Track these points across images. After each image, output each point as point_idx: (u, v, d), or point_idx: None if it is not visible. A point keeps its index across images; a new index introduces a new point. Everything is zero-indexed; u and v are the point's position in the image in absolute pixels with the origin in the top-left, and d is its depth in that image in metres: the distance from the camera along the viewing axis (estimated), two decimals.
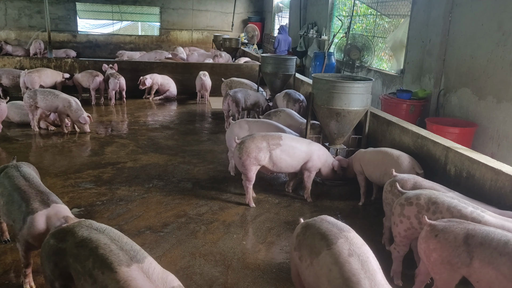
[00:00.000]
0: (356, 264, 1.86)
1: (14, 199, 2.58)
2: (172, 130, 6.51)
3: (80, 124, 5.91)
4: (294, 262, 2.21)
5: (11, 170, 2.80)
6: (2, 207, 2.66)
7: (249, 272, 2.93)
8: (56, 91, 6.01)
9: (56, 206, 2.54)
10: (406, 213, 2.66)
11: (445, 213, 2.52)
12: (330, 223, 2.15)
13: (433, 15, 6.25)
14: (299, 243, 2.16)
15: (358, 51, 7.26)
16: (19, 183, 2.66)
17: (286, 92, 6.32)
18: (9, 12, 14.44)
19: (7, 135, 5.87)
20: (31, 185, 2.66)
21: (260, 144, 3.82)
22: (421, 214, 2.60)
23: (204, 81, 8.28)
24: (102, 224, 2.15)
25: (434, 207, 2.58)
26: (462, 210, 2.50)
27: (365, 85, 4.31)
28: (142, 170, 4.73)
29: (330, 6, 10.44)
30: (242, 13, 16.77)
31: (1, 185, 2.72)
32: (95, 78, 7.66)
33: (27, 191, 2.60)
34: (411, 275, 2.76)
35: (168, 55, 11.29)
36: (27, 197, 2.55)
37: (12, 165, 2.89)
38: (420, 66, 6.58)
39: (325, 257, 1.94)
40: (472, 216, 2.45)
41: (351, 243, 1.97)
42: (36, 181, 2.76)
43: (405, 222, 2.67)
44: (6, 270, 2.85)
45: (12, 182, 2.67)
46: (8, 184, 2.68)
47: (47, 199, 2.57)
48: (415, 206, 2.64)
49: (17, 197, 2.57)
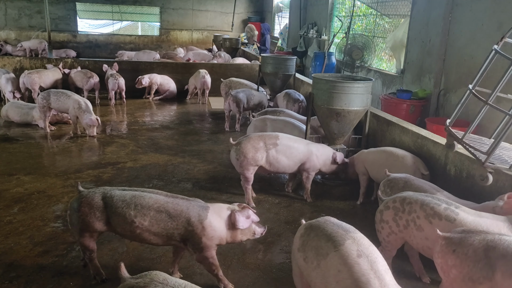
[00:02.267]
0: (366, 265, 1.85)
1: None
2: (172, 130, 6.51)
3: (87, 126, 5.78)
4: (298, 263, 2.20)
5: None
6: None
7: (249, 272, 2.93)
8: (69, 92, 5.96)
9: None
10: (385, 217, 2.66)
11: (419, 212, 2.52)
12: (335, 224, 2.14)
13: (433, 15, 6.24)
14: (303, 244, 2.15)
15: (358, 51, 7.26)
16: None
17: (286, 92, 6.33)
18: (9, 12, 14.43)
19: (7, 135, 5.87)
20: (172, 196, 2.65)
21: (257, 144, 3.80)
22: (397, 216, 2.60)
23: (206, 80, 8.25)
24: (178, 280, 1.84)
25: (409, 207, 2.56)
26: (435, 208, 2.49)
27: (365, 85, 4.31)
28: (142, 170, 4.72)
29: (330, 6, 10.43)
30: (242, 13, 16.76)
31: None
32: (89, 79, 7.58)
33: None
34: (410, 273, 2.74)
35: (156, 55, 11.22)
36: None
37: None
38: (420, 66, 6.58)
39: (333, 259, 1.93)
40: (446, 214, 2.44)
41: (358, 244, 1.96)
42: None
43: (386, 227, 2.66)
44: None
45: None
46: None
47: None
48: (392, 210, 2.63)
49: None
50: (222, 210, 2.60)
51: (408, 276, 2.91)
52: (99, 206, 2.55)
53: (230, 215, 2.56)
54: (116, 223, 2.55)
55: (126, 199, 2.55)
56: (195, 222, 2.50)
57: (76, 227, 2.60)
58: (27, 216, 3.57)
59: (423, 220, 2.49)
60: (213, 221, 2.52)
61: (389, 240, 2.68)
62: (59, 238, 3.25)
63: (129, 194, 2.58)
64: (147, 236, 2.54)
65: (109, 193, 2.59)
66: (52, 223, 3.49)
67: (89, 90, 7.68)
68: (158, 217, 2.51)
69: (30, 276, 2.78)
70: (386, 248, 2.71)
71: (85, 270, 2.85)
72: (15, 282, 2.72)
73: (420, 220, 2.50)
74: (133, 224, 2.51)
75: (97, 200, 2.56)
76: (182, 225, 2.51)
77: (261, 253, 3.19)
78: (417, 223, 2.52)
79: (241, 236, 2.62)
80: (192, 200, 2.63)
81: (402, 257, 2.99)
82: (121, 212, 2.52)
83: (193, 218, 2.50)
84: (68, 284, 2.73)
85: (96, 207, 2.55)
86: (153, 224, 2.50)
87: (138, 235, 2.54)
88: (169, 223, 2.50)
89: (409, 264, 2.99)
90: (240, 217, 2.54)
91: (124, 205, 2.53)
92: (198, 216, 2.51)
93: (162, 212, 2.51)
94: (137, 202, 2.53)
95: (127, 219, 2.51)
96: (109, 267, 2.88)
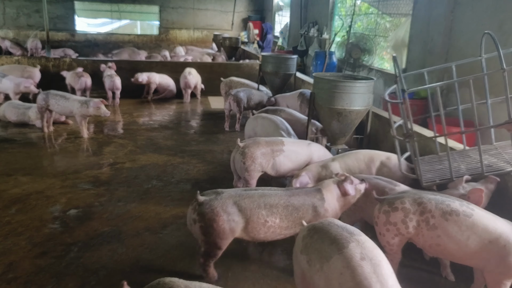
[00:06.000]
0: (368, 268, 1.82)
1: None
2: (171, 130, 6.47)
3: (98, 111, 5.47)
4: (301, 266, 2.17)
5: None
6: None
7: (249, 274, 2.89)
8: (67, 94, 5.78)
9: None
10: (392, 219, 2.59)
11: (435, 211, 2.53)
12: (340, 226, 2.10)
13: (435, 14, 6.21)
14: (306, 247, 2.11)
15: (359, 50, 7.22)
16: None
17: (301, 92, 6.02)
18: (8, 11, 14.38)
19: (4, 135, 5.82)
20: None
21: (266, 150, 3.73)
22: (408, 217, 2.56)
23: (187, 80, 8.13)
24: (202, 284, 1.84)
25: (422, 208, 2.54)
26: (451, 205, 2.52)
27: (367, 84, 4.27)
28: (141, 171, 4.68)
29: (331, 5, 10.39)
30: (242, 11, 16.72)
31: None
32: (81, 78, 7.49)
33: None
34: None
35: (143, 56, 11.13)
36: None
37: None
38: (421, 66, 6.53)
39: (336, 261, 1.90)
40: (462, 209, 2.49)
41: (362, 246, 1.93)
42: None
43: (392, 230, 2.60)
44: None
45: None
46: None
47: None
48: (401, 211, 2.58)
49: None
50: (331, 186, 2.83)
51: (414, 282, 2.87)
52: (234, 211, 2.60)
53: (339, 187, 2.81)
54: (251, 226, 2.65)
55: (255, 200, 2.65)
56: (318, 207, 2.74)
57: (211, 237, 2.58)
58: (26, 217, 3.53)
59: (438, 218, 2.47)
60: (330, 201, 2.78)
61: (393, 242, 2.63)
62: (57, 239, 3.22)
63: (256, 194, 2.69)
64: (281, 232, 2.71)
65: (236, 196, 2.65)
66: (51, 224, 3.45)
67: (81, 90, 7.54)
68: (286, 212, 2.69)
69: (28, 277, 2.75)
70: (391, 251, 2.66)
71: (83, 271, 2.83)
72: (13, 283, 2.68)
73: (434, 219, 2.48)
74: (266, 224, 2.64)
75: (230, 205, 2.60)
76: (308, 212, 2.73)
77: (262, 254, 3.15)
78: (430, 223, 2.49)
79: (352, 199, 2.87)
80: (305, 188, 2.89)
81: (408, 262, 2.95)
82: (255, 213, 2.63)
83: (316, 203, 2.75)
84: (67, 285, 2.69)
85: (232, 212, 2.58)
86: (283, 219, 2.67)
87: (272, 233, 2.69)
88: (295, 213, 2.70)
89: (414, 269, 2.96)
90: (347, 186, 2.79)
91: (255, 206, 2.63)
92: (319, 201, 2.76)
93: (289, 206, 2.69)
94: (266, 202, 2.65)
95: (260, 220, 2.63)
96: (108, 268, 2.86)
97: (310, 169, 3.57)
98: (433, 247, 2.54)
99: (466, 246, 2.41)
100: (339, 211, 2.85)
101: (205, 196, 2.64)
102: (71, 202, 3.86)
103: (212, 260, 2.68)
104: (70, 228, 3.40)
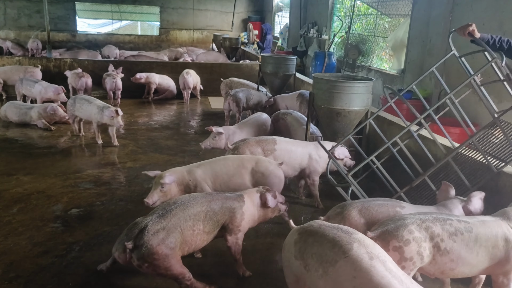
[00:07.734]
0: (381, 267, 1.82)
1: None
2: (172, 130, 6.49)
3: (112, 121, 5.27)
4: (294, 271, 2.11)
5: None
6: None
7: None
8: (91, 98, 5.61)
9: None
10: (408, 255, 2.21)
11: (443, 233, 2.24)
12: (333, 227, 2.07)
13: (434, 14, 6.23)
14: (300, 251, 2.05)
15: (358, 50, 7.24)
16: None
17: (300, 93, 6.02)
18: (8, 12, 14.40)
19: (6, 135, 5.85)
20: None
21: (255, 150, 3.70)
22: (421, 248, 2.20)
23: (186, 79, 8.15)
24: None
25: (430, 233, 2.23)
26: (454, 223, 2.30)
27: (366, 85, 4.30)
28: (141, 170, 4.67)
29: (330, 5, 10.41)
30: (242, 12, 16.74)
31: None
32: (81, 79, 7.46)
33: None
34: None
35: (130, 55, 11.17)
36: None
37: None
38: (420, 66, 6.56)
39: (345, 265, 1.86)
40: (464, 226, 2.31)
41: (365, 245, 1.91)
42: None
43: (408, 266, 2.22)
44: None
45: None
46: None
47: None
48: (414, 242, 2.20)
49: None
50: (253, 193, 2.88)
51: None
52: (165, 235, 2.46)
53: (260, 196, 2.84)
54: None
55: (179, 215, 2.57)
56: (236, 209, 2.75)
57: (164, 270, 2.44)
58: (27, 217, 3.56)
59: (447, 241, 2.21)
60: (249, 206, 2.79)
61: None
62: (58, 239, 3.24)
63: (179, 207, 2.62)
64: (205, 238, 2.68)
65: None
66: (52, 223, 3.47)
67: (81, 90, 7.50)
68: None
69: (29, 277, 2.77)
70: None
71: (84, 270, 2.85)
72: (14, 282, 2.70)
73: (444, 242, 2.21)
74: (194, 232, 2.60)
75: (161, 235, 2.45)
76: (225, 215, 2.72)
77: (261, 253, 3.17)
78: (441, 247, 2.21)
79: (271, 213, 2.92)
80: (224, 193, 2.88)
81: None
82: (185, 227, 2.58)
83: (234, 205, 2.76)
84: (68, 284, 2.71)
85: (165, 237, 2.44)
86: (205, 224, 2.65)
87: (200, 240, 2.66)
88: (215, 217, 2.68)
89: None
90: (269, 197, 2.83)
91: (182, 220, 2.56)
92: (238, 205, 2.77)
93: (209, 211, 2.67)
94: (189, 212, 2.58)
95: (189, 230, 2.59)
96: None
97: (175, 170, 3.32)
98: (446, 272, 2.30)
99: (478, 263, 2.26)
100: (256, 219, 2.85)
101: (130, 239, 2.41)
102: (72, 201, 3.88)
103: (188, 280, 2.53)
104: (71, 228, 3.42)
